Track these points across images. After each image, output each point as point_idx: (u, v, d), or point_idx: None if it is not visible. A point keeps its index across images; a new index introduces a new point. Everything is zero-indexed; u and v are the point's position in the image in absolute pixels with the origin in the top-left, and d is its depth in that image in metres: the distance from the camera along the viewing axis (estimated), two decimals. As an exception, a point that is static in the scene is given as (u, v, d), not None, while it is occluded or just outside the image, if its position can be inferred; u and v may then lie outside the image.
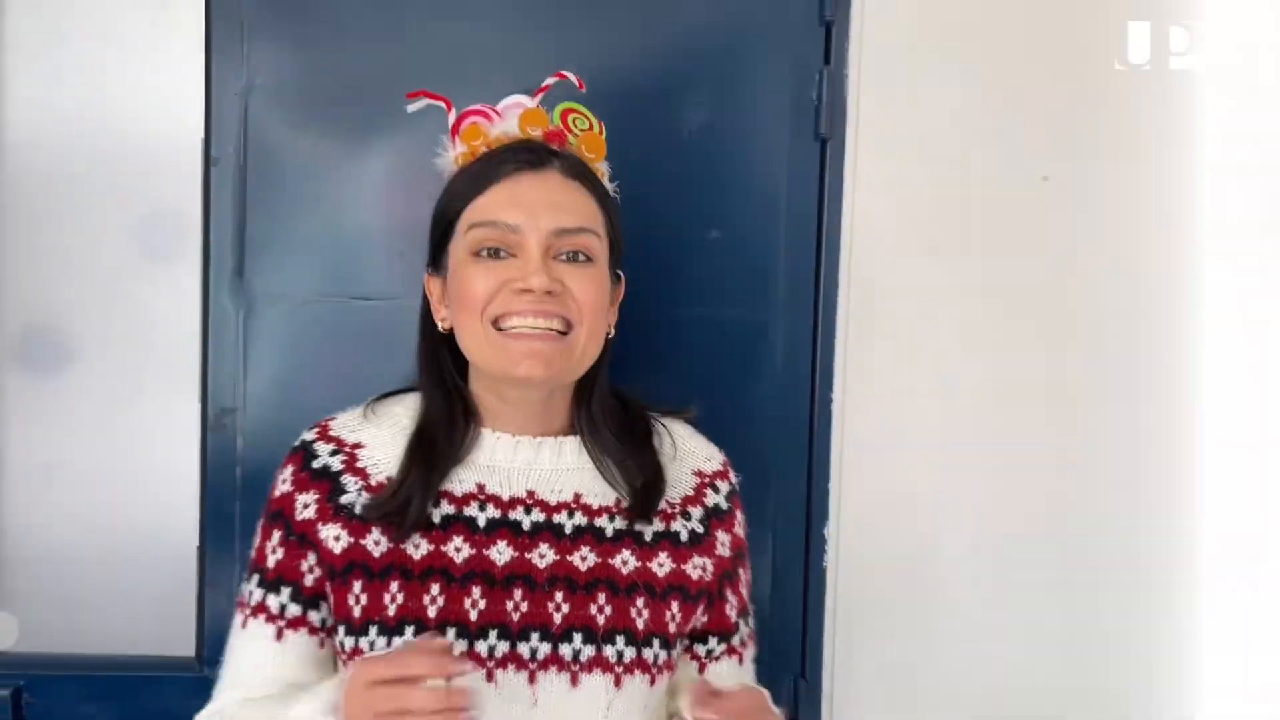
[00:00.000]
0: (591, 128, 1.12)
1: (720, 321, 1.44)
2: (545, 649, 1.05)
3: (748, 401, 1.43)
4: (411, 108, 1.12)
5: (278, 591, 1.07)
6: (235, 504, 1.37)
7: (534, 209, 1.04)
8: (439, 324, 1.11)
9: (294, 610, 1.07)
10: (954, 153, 1.42)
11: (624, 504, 1.10)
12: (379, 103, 1.35)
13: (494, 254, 1.05)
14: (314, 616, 1.08)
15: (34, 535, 1.41)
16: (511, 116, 1.11)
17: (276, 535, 1.08)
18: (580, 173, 1.09)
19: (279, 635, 1.07)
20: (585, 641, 1.05)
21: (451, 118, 1.11)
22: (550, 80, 1.13)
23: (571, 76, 1.15)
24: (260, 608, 1.07)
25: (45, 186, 1.40)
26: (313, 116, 1.38)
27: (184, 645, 1.41)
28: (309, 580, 1.07)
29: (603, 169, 1.13)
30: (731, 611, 1.16)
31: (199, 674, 1.38)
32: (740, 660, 1.18)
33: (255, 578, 1.09)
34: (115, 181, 1.40)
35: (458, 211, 1.07)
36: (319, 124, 1.38)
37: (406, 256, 1.35)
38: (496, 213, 1.05)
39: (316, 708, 1.00)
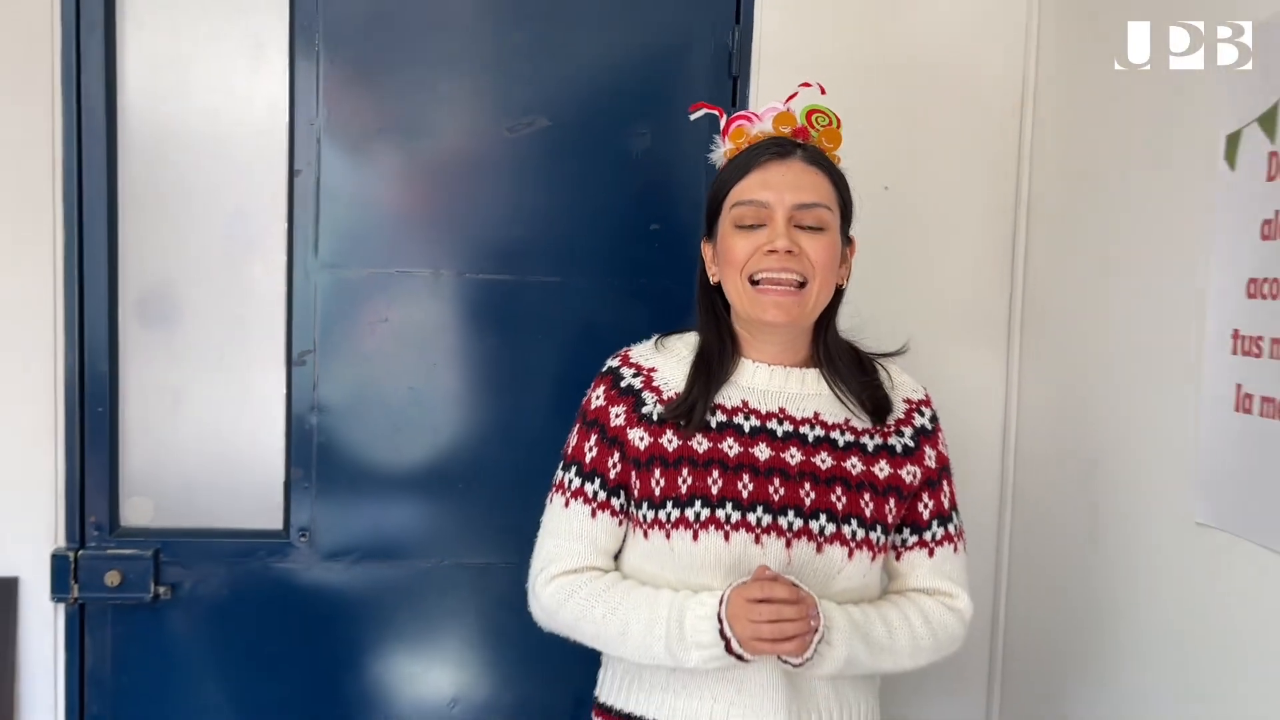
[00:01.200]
0: (831, 124, 1.39)
1: (658, 290, 1.97)
2: (799, 523, 1.30)
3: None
4: (694, 117, 1.47)
5: (593, 481, 1.36)
6: (313, 419, 1.89)
7: (780, 189, 1.31)
8: (710, 278, 1.40)
9: (603, 496, 1.36)
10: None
11: (853, 423, 1.36)
12: (409, 129, 1.87)
13: (750, 225, 1.32)
14: (615, 502, 1.37)
15: (164, 445, 1.89)
16: (768, 118, 1.39)
17: (594, 437, 1.37)
18: (818, 160, 1.36)
19: (593, 514, 1.36)
20: (828, 521, 1.31)
21: (722, 122, 1.42)
22: (799, 89, 1.42)
23: (815, 84, 1.43)
24: (579, 492, 1.37)
25: (163, 180, 1.84)
26: (367, 139, 1.89)
27: (274, 521, 1.92)
28: (613, 474, 1.36)
29: (839, 155, 1.40)
30: (925, 509, 1.39)
31: (285, 540, 1.90)
32: (930, 554, 1.40)
33: (574, 468, 1.38)
34: (216, 180, 1.86)
35: (724, 193, 1.36)
36: (371, 145, 1.89)
37: (423, 241, 1.89)
38: (752, 193, 1.32)
39: (705, 610, 1.26)
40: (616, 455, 1.36)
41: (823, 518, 1.31)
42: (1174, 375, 1.47)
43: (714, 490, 1.31)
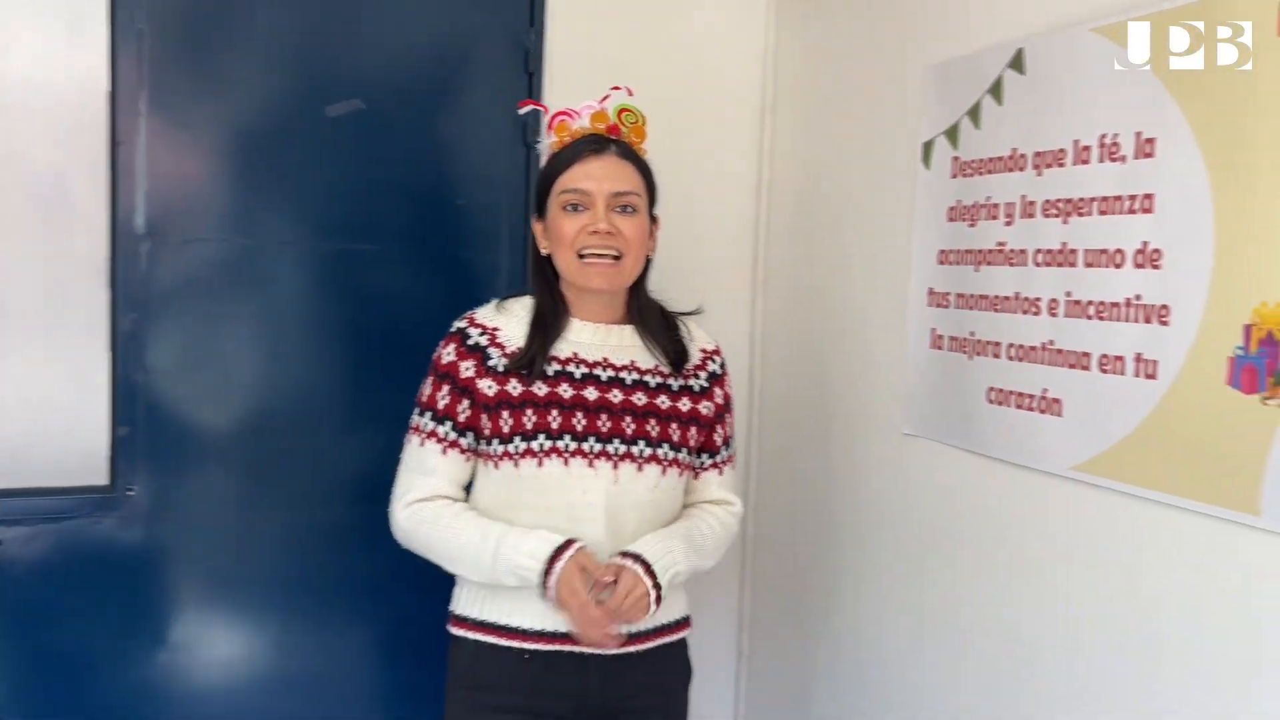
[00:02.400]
0: (638, 121, 1.64)
1: (463, 259, 2.23)
2: (623, 449, 1.57)
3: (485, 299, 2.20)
4: (522, 112, 1.72)
5: (444, 424, 1.59)
6: (139, 378, 1.98)
7: (599, 179, 1.57)
8: (542, 250, 1.63)
9: (453, 436, 1.59)
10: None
11: (661, 368, 1.63)
12: (233, 105, 2.02)
13: (576, 208, 1.57)
14: (464, 441, 1.59)
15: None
16: (586, 115, 1.62)
17: (445, 388, 1.59)
18: (628, 154, 1.61)
19: (444, 451, 1.60)
20: (646, 446, 1.58)
21: (547, 117, 1.66)
22: (610, 91, 1.64)
23: (624, 87, 1.66)
24: (432, 434, 1.59)
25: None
26: (190, 113, 2.00)
27: (101, 479, 2.00)
28: (462, 418, 1.58)
29: (645, 148, 1.65)
30: (718, 438, 1.70)
31: (113, 495, 1.98)
32: (720, 472, 1.71)
33: (428, 414, 1.60)
34: (35, 150, 1.90)
35: (553, 180, 1.60)
36: (195, 118, 2.01)
37: (246, 211, 2.04)
38: (576, 182, 1.57)
39: (535, 551, 1.50)
40: (466, 402, 1.58)
41: (641, 444, 1.58)
42: (887, 322, 1.94)
43: (554, 426, 1.56)
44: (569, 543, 1.51)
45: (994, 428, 1.69)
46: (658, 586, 1.51)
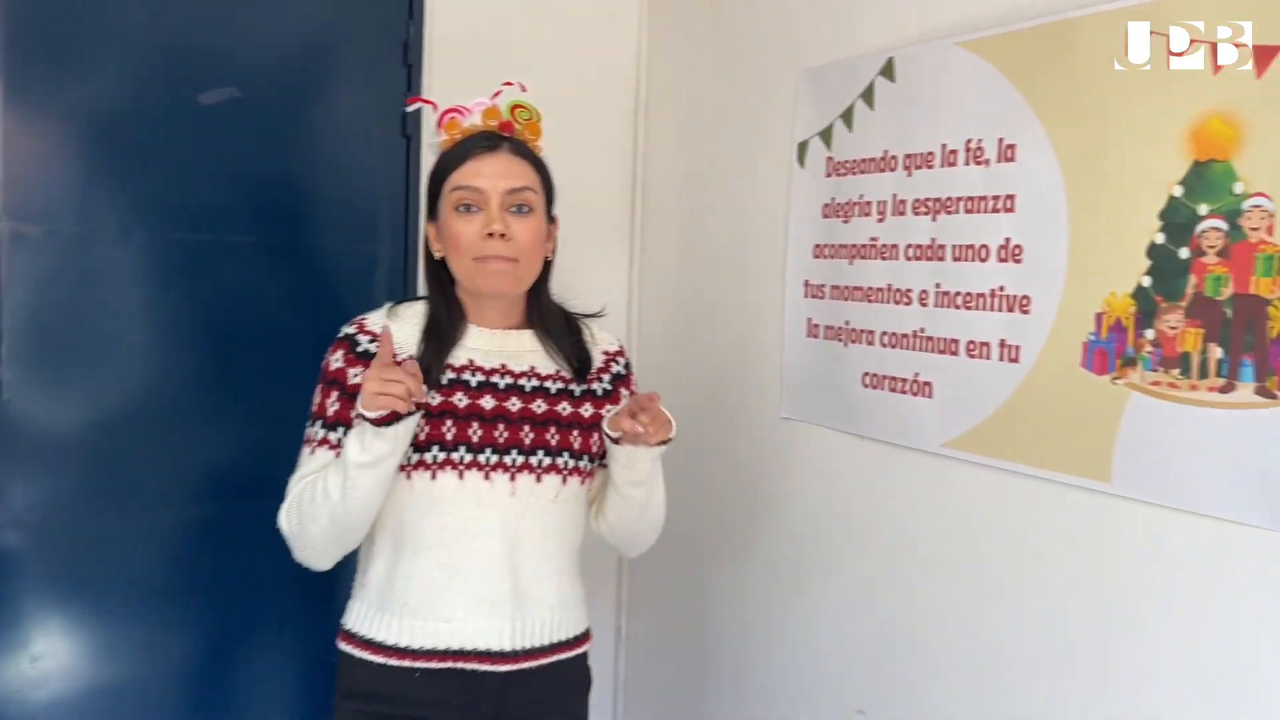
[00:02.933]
0: (532, 118, 1.57)
1: (340, 252, 2.21)
2: (520, 460, 1.50)
3: (366, 296, 2.19)
4: (410, 109, 1.58)
5: (336, 430, 1.49)
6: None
7: (492, 177, 1.49)
8: (435, 254, 1.54)
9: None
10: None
11: (563, 373, 1.56)
12: (100, 91, 1.94)
13: (469, 209, 1.49)
14: None
15: None
16: (477, 111, 1.55)
17: (334, 394, 1.49)
18: (522, 151, 1.54)
19: (337, 455, 1.46)
20: (545, 455, 1.52)
21: (436, 114, 1.56)
22: (502, 87, 1.57)
23: (516, 83, 1.58)
24: (324, 440, 1.49)
25: None
26: (54, 99, 1.91)
27: None
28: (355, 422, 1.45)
29: (540, 145, 1.58)
30: None
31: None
32: None
33: (319, 423, 1.50)
34: None
35: (444, 179, 1.51)
36: (59, 105, 1.91)
37: (113, 200, 1.96)
38: (468, 180, 1.49)
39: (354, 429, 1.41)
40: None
41: (540, 453, 1.52)
42: (765, 313, 2.05)
43: (448, 437, 1.48)
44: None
45: (869, 410, 1.81)
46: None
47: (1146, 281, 1.38)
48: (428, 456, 1.48)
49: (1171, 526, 1.36)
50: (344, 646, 1.55)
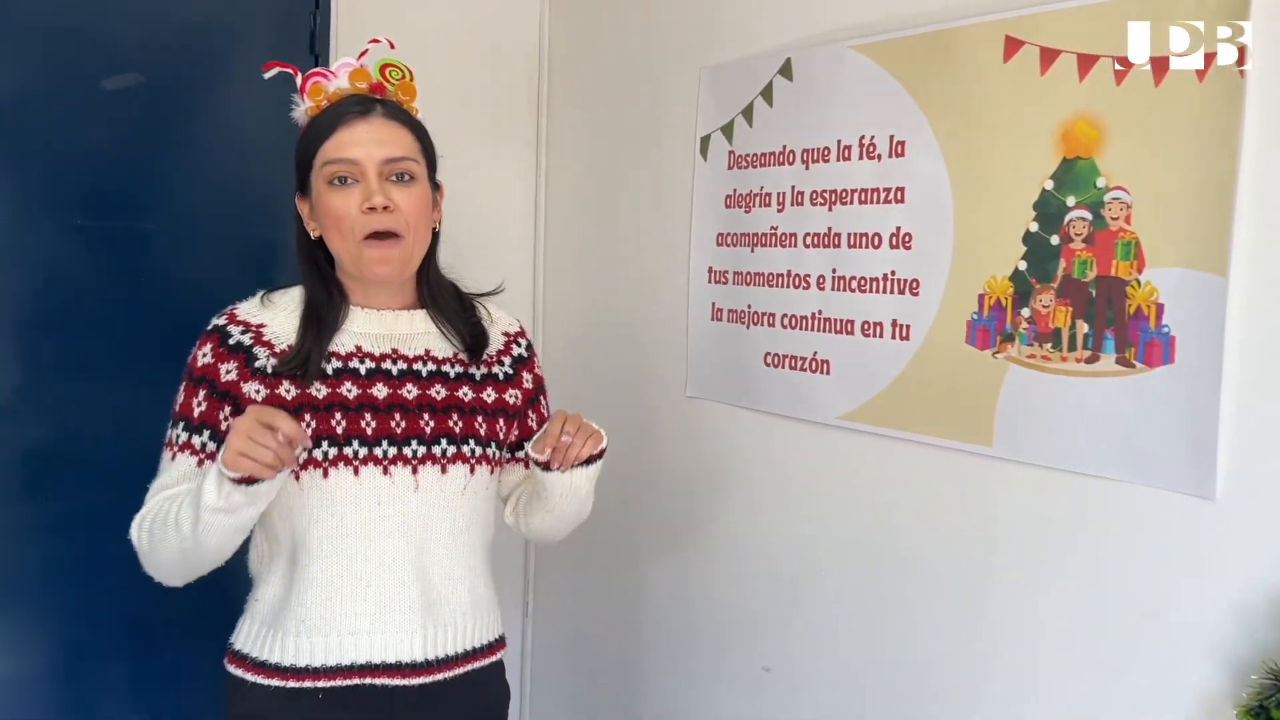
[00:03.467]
0: (404, 77, 1.42)
1: (248, 238, 2.21)
2: (422, 450, 1.38)
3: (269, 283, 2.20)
4: (267, 75, 1.45)
5: (201, 433, 1.36)
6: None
7: (367, 145, 1.35)
8: (310, 233, 1.41)
9: (211, 447, 1.35)
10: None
11: (461, 356, 1.46)
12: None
13: (343, 181, 1.35)
14: None
15: None
16: (343, 74, 1.40)
17: (202, 393, 1.35)
18: (397, 114, 1.40)
19: (200, 464, 1.36)
20: (449, 444, 1.40)
21: (298, 80, 1.42)
22: (369, 45, 1.42)
23: (384, 39, 1.43)
24: (186, 445, 1.36)
25: None
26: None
27: None
28: (224, 426, 1.35)
29: (416, 106, 1.44)
30: (533, 424, 1.56)
31: None
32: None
33: (181, 424, 1.36)
34: None
35: (313, 151, 1.37)
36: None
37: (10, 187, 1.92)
38: (341, 151, 1.35)
39: (215, 467, 1.24)
40: (228, 409, 1.36)
41: (444, 441, 1.40)
42: (670, 299, 2.16)
43: (339, 431, 1.35)
44: None
45: (771, 387, 1.94)
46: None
47: (1022, 265, 1.54)
48: (317, 453, 1.35)
49: (1046, 483, 1.53)
50: (233, 669, 1.41)
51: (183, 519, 1.28)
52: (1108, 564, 1.47)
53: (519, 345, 1.57)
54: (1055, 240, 1.50)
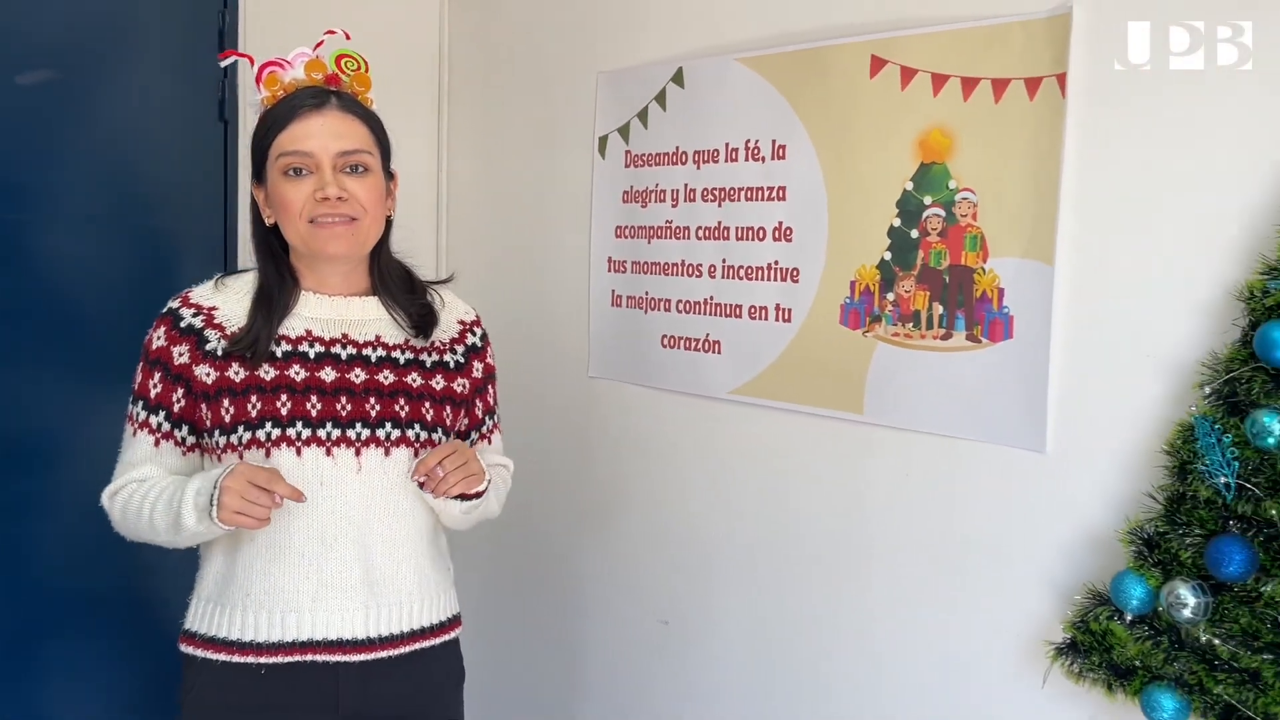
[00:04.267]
0: (360, 68, 1.46)
1: (163, 231, 2.28)
2: (366, 433, 1.41)
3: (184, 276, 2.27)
4: (224, 63, 1.46)
5: (157, 414, 1.42)
6: None
7: (322, 138, 1.38)
8: (265, 220, 1.44)
9: (167, 427, 1.43)
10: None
11: (412, 343, 1.48)
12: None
13: (298, 172, 1.39)
14: (179, 434, 1.43)
15: None
16: (299, 64, 1.43)
17: (157, 375, 1.41)
18: (352, 107, 1.43)
19: (157, 443, 1.43)
20: (394, 428, 1.43)
21: (254, 70, 1.44)
22: (324, 36, 1.46)
23: (340, 31, 1.47)
24: (145, 423, 1.43)
25: None
26: None
27: None
28: (177, 408, 1.42)
29: (371, 97, 1.47)
30: (479, 410, 1.59)
31: None
32: (489, 442, 1.63)
33: (140, 402, 1.43)
34: None
35: (269, 142, 1.40)
36: None
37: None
38: (296, 144, 1.38)
39: (207, 481, 1.33)
40: (181, 391, 1.41)
41: (388, 425, 1.43)
42: (572, 287, 2.33)
43: (284, 412, 1.39)
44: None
45: (667, 366, 2.13)
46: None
47: (887, 256, 1.77)
48: (260, 433, 1.38)
49: (908, 444, 1.77)
50: (186, 648, 1.46)
51: (158, 520, 1.38)
52: (959, 511, 1.72)
53: (473, 334, 1.59)
54: (914, 234, 1.73)
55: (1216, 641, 1.39)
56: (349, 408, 1.42)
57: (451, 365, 1.53)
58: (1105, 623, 1.49)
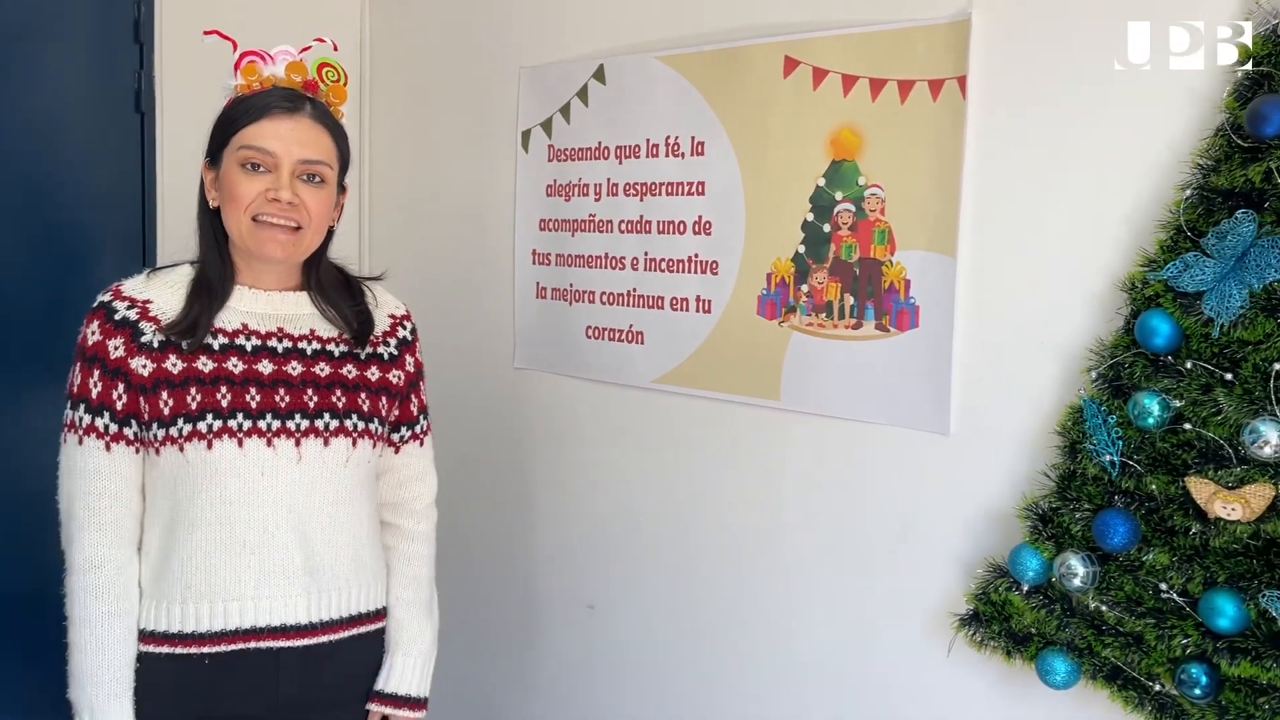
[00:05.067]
0: (339, 79, 1.47)
1: (79, 225, 2.26)
2: (305, 424, 1.44)
3: (101, 270, 2.25)
4: (208, 41, 1.46)
5: (102, 415, 1.38)
6: None
7: (288, 142, 1.39)
8: (210, 202, 1.44)
9: (115, 428, 1.39)
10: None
11: (345, 336, 1.51)
12: None
13: (255, 167, 1.39)
14: (129, 432, 1.40)
15: None
16: (281, 63, 1.44)
17: (96, 373, 1.38)
18: (323, 118, 1.45)
19: (108, 447, 1.39)
20: (332, 418, 1.46)
21: (235, 55, 1.44)
22: (313, 43, 1.47)
23: (329, 39, 1.48)
24: (90, 428, 1.38)
25: None
26: None
27: None
28: (120, 405, 1.39)
29: (343, 110, 1.49)
30: (413, 407, 1.61)
31: None
32: (420, 444, 1.64)
33: (82, 405, 1.38)
34: None
35: (234, 131, 1.40)
36: None
37: None
38: (261, 141, 1.39)
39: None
40: (121, 386, 1.39)
41: (326, 416, 1.46)
42: (496, 279, 2.37)
43: (224, 404, 1.40)
44: None
45: (592, 356, 2.19)
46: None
47: (801, 249, 1.85)
48: (201, 425, 1.39)
49: (823, 428, 1.85)
50: None
51: (84, 655, 1.38)
52: (868, 492, 1.81)
53: (404, 328, 1.61)
54: (827, 228, 1.81)
55: (1104, 608, 1.50)
56: (287, 399, 1.44)
57: (386, 357, 1.57)
58: (1004, 594, 1.59)
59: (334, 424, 1.46)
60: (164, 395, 1.39)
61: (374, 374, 1.54)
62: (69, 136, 2.22)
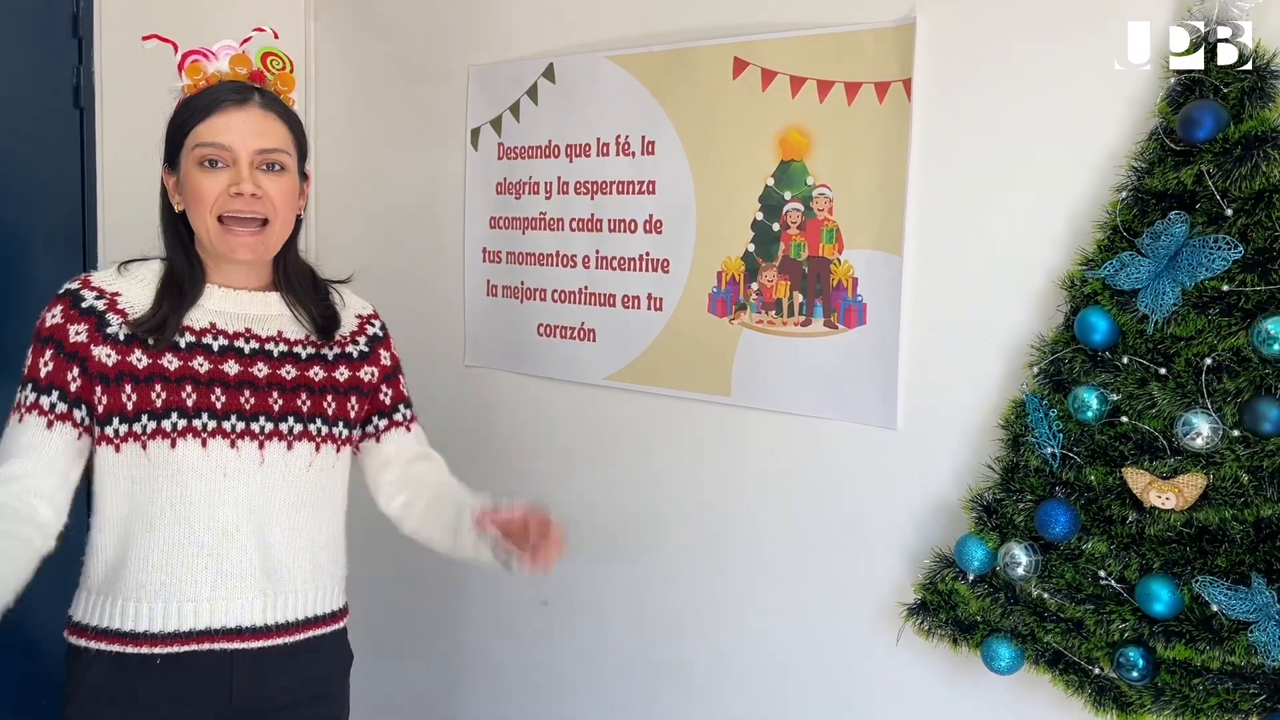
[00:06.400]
0: (285, 67, 1.47)
1: (15, 223, 2.21)
2: (269, 427, 1.43)
3: (38, 269, 2.21)
4: (148, 46, 1.45)
5: (50, 394, 1.37)
6: None
7: (242, 134, 1.38)
8: (175, 206, 1.44)
9: (62, 408, 1.37)
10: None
11: (312, 337, 1.50)
12: None
13: (213, 164, 1.38)
14: (77, 414, 1.38)
15: None
16: (224, 57, 1.43)
17: (49, 353, 1.37)
18: (274, 105, 1.44)
19: (49, 425, 1.37)
20: (296, 421, 1.45)
21: (177, 56, 1.43)
22: (252, 33, 1.46)
23: (269, 29, 1.48)
24: (34, 405, 1.37)
25: None
26: None
27: None
28: (73, 387, 1.38)
29: (293, 97, 1.48)
30: (386, 398, 1.59)
31: None
32: (409, 430, 1.62)
33: (30, 385, 1.38)
34: None
35: (186, 131, 1.40)
36: None
37: None
38: (215, 136, 1.38)
39: None
40: (77, 370, 1.38)
41: (290, 420, 1.46)
42: (446, 277, 2.36)
43: (189, 403, 1.39)
44: None
45: (544, 354, 2.20)
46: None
47: (751, 247, 1.88)
48: (166, 424, 1.38)
49: (774, 424, 1.88)
50: (73, 640, 1.44)
51: None
52: (818, 486, 1.84)
53: (373, 326, 1.62)
54: (776, 227, 1.84)
55: (1046, 596, 1.55)
56: (252, 401, 1.43)
57: (355, 355, 1.56)
58: (951, 583, 1.63)
59: (298, 428, 1.46)
60: (127, 389, 1.37)
61: (343, 374, 1.53)
62: (3, 131, 2.17)
